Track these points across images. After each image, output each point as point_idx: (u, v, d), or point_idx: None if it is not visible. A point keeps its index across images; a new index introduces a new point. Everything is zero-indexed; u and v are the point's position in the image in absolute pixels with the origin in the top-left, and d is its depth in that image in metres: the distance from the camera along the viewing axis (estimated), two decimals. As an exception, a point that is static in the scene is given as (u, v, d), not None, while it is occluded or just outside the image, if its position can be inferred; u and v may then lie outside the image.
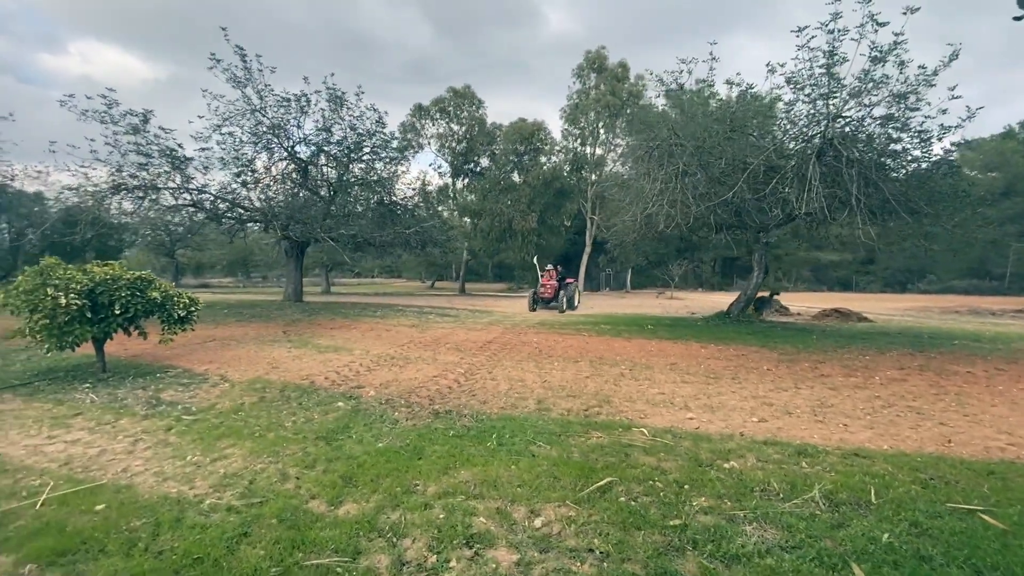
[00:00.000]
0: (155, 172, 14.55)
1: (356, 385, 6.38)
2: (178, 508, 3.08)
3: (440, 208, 29.89)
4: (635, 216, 12.37)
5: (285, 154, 17.99)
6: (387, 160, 18.67)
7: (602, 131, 34.43)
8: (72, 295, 6.07)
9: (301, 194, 18.40)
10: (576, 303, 19.74)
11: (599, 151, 35.06)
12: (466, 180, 34.73)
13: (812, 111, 10.27)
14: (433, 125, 32.80)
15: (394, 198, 19.65)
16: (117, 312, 6.47)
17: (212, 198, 14.73)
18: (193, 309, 7.22)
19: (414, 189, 23.91)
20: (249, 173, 16.05)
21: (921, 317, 18.56)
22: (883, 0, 9.24)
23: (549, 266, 20.24)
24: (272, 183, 17.30)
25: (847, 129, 9.88)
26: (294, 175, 18.38)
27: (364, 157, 19.22)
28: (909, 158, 10.10)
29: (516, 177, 34.28)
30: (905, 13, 9.31)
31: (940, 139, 9.73)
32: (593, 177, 34.96)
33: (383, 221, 17.56)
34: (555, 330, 11.84)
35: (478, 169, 34.66)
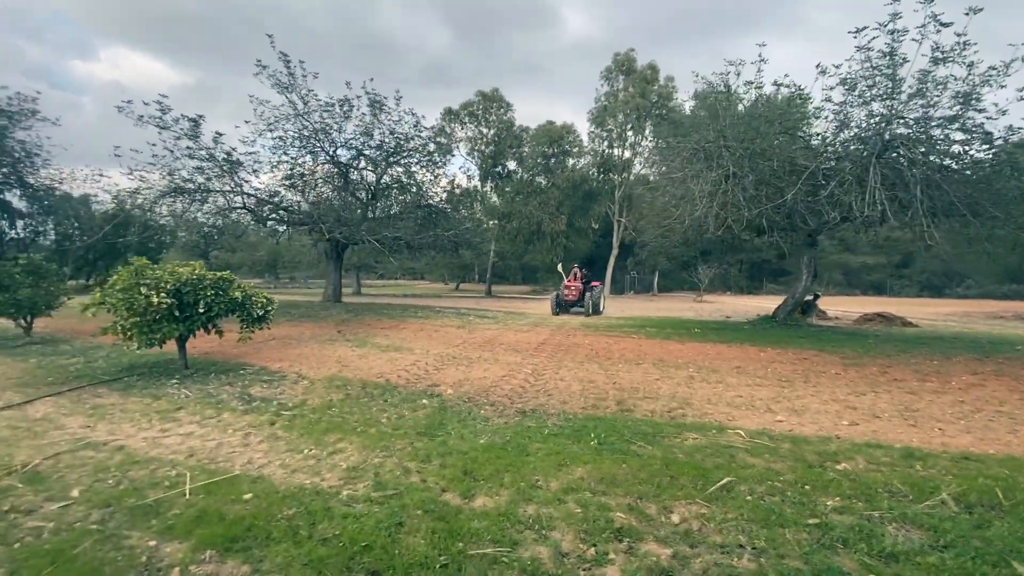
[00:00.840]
0: (210, 175, 14.99)
1: (431, 383, 6.52)
2: (320, 499, 3.21)
3: (470, 211, 30.00)
4: (682, 218, 12.32)
5: (327, 157, 18.41)
6: (426, 164, 18.91)
7: (630, 133, 34.30)
8: (162, 294, 6.33)
9: (341, 197, 18.78)
10: (601, 307, 18.67)
11: (627, 153, 34.93)
12: (494, 183, 34.88)
13: (869, 112, 10.12)
14: (462, 129, 33.07)
15: (430, 201, 19.88)
16: (201, 311, 6.72)
17: (264, 201, 15.10)
18: (270, 308, 7.45)
19: (447, 192, 24.12)
20: (299, 177, 16.44)
21: (966, 322, 18.06)
22: (946, 1, 9.09)
23: (574, 268, 19.61)
24: (316, 186, 17.67)
25: (908, 131, 9.71)
26: (335, 178, 18.75)
27: (402, 160, 19.54)
28: (973, 159, 9.87)
29: (543, 179, 34.37)
30: (968, 13, 9.16)
31: (1007, 140, 9.51)
32: (619, 179, 34.86)
33: (425, 223, 17.80)
34: (602, 333, 11.86)
35: (505, 172, 34.82)
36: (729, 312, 21.33)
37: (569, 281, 18.39)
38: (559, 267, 21.19)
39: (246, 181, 15.67)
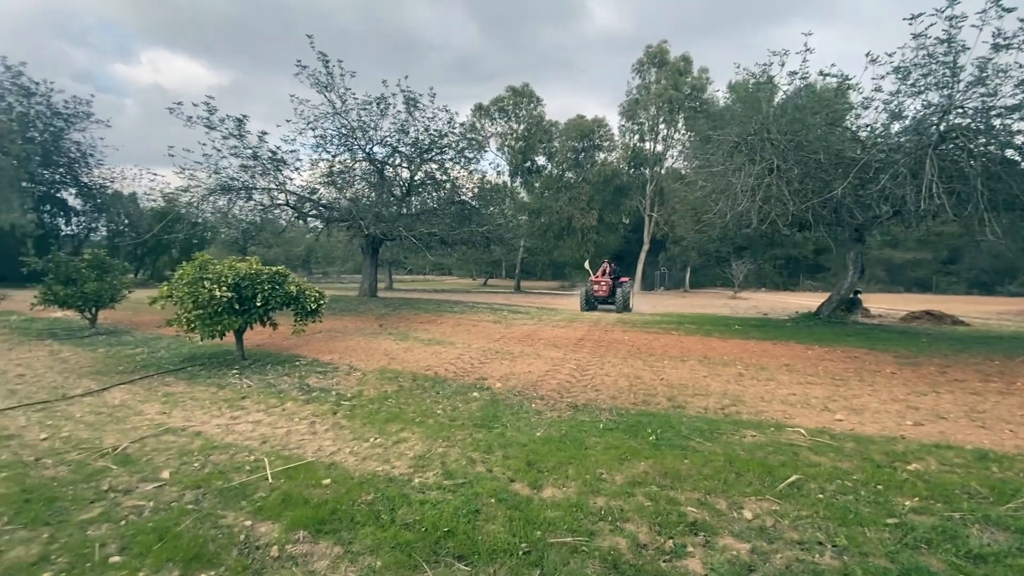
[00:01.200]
0: (254, 173, 15.51)
1: (479, 377, 6.62)
2: (394, 486, 3.33)
3: (502, 207, 30.18)
4: (723, 212, 12.10)
5: (364, 155, 18.75)
6: (461, 160, 19.09)
7: (662, 126, 33.80)
8: (223, 287, 6.60)
9: (377, 194, 19.13)
10: (630, 304, 17.54)
11: (659, 147, 34.42)
12: (523, 178, 34.90)
13: (925, 102, 9.72)
14: (492, 124, 33.17)
15: (463, 197, 20.04)
16: (259, 304, 6.99)
17: (305, 198, 15.54)
18: (322, 302, 7.68)
19: (478, 188, 24.28)
20: (338, 175, 16.85)
21: (1021, 321, 17.21)
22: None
23: (604, 262, 19.21)
24: (353, 183, 18.06)
25: (968, 121, 9.29)
26: (372, 175, 19.10)
27: (436, 157, 19.75)
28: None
29: (571, 174, 34.20)
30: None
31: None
32: (651, 173, 34.38)
33: (461, 219, 17.98)
34: (640, 329, 11.78)
35: (535, 167, 34.79)
36: (766, 309, 20.87)
37: (598, 276, 18.11)
38: (587, 265, 20.87)
39: (289, 179, 16.15)
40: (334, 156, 17.36)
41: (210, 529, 2.77)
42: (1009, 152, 9.44)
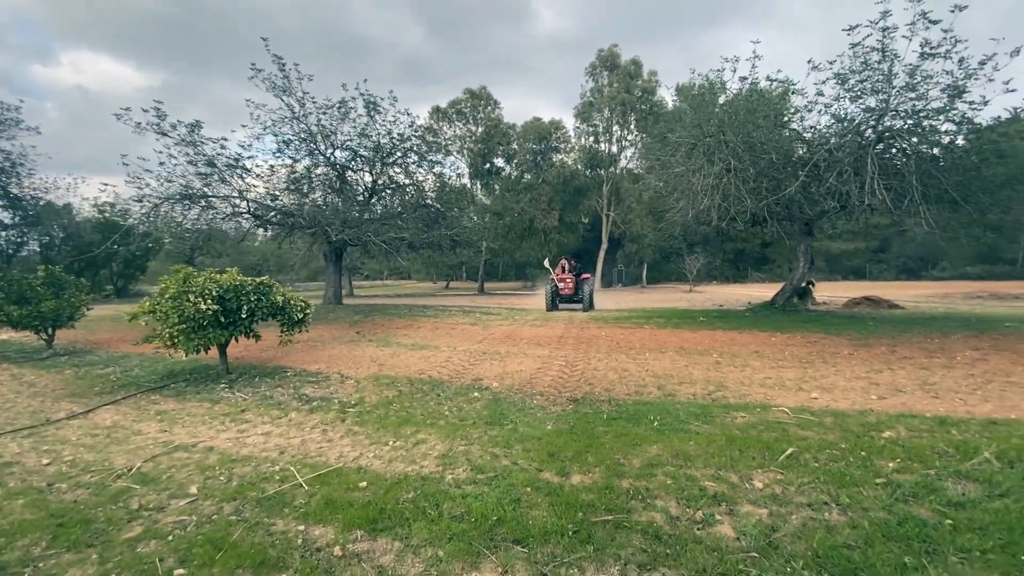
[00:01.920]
0: (212, 181, 14.96)
1: (475, 377, 6.78)
2: (430, 483, 3.47)
3: (465, 210, 30.23)
4: (685, 211, 12.74)
5: (324, 159, 18.40)
6: (424, 164, 19.07)
7: (616, 128, 34.82)
8: (209, 300, 6.46)
9: (341, 199, 18.81)
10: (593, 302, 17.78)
11: (613, 148, 35.46)
12: (483, 181, 35.08)
13: (864, 106, 10.65)
14: (450, 127, 33.16)
15: (428, 200, 20.03)
16: (244, 316, 6.86)
17: (267, 206, 15.08)
18: (308, 312, 7.60)
19: (436, 191, 24.28)
20: (300, 180, 16.48)
21: (947, 303, 18.98)
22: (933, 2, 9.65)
23: (563, 260, 18.87)
24: (315, 189, 17.71)
25: (902, 123, 10.27)
26: (334, 180, 18.78)
27: (399, 161, 19.63)
28: (962, 149, 10.47)
29: (529, 176, 34.69)
30: (953, 11, 9.73)
31: (993, 130, 10.15)
32: (607, 173, 35.36)
33: (429, 223, 17.95)
34: (614, 325, 12.23)
35: (495, 169, 35.04)
36: (721, 301, 21.94)
37: (559, 274, 17.99)
38: (547, 263, 20.43)
39: (253, 186, 15.65)
40: (294, 161, 16.95)
41: (265, 536, 2.83)
42: (936, 151, 10.50)
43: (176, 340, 6.46)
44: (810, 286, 15.94)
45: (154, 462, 4.02)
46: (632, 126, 34.34)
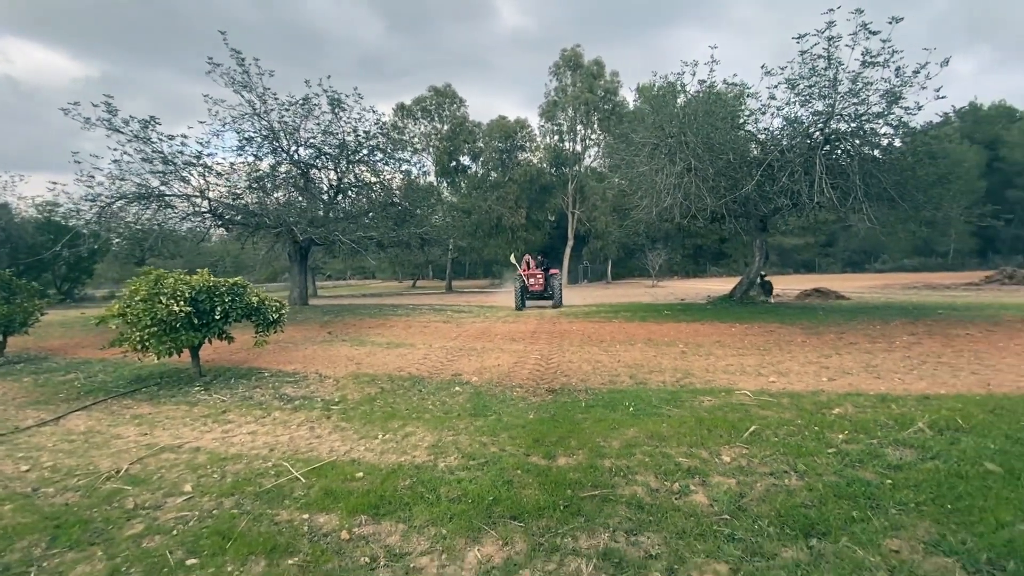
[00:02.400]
0: (170, 179, 14.45)
1: (454, 373, 6.95)
2: (424, 471, 3.64)
3: (434, 207, 30.14)
4: (649, 209, 13.24)
5: (287, 157, 18.02)
6: (391, 162, 18.97)
7: (580, 128, 35.44)
8: (182, 302, 6.37)
9: (305, 197, 18.47)
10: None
11: (578, 147, 36.07)
12: (449, 179, 35.04)
13: (812, 109, 11.38)
14: (415, 124, 32.95)
15: (396, 199, 19.93)
16: (218, 317, 6.79)
17: (230, 205, 14.65)
18: (284, 312, 7.57)
19: (401, 189, 24.15)
20: (264, 179, 16.11)
21: (888, 293, 20.38)
22: (874, 11, 10.42)
23: (527, 257, 18.42)
24: (279, 187, 17.35)
25: (846, 126, 11.04)
26: (297, 178, 18.42)
27: (365, 159, 19.45)
28: (899, 151, 11.36)
29: (495, 174, 34.90)
30: (891, 22, 10.55)
31: (926, 132, 11.08)
32: (572, 172, 35.96)
33: (399, 221, 17.87)
34: (584, 319, 12.60)
35: (460, 167, 35.05)
36: (683, 295, 22.76)
37: (525, 270, 17.48)
38: (512, 258, 19.43)
39: (215, 185, 15.19)
40: (256, 158, 16.56)
41: (270, 526, 2.94)
42: (877, 152, 11.35)
43: (147, 343, 6.34)
44: (763, 280, 16.81)
45: (141, 464, 4.02)
46: (595, 126, 35.03)
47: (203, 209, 15.09)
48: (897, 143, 11.51)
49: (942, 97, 10.46)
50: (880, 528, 2.61)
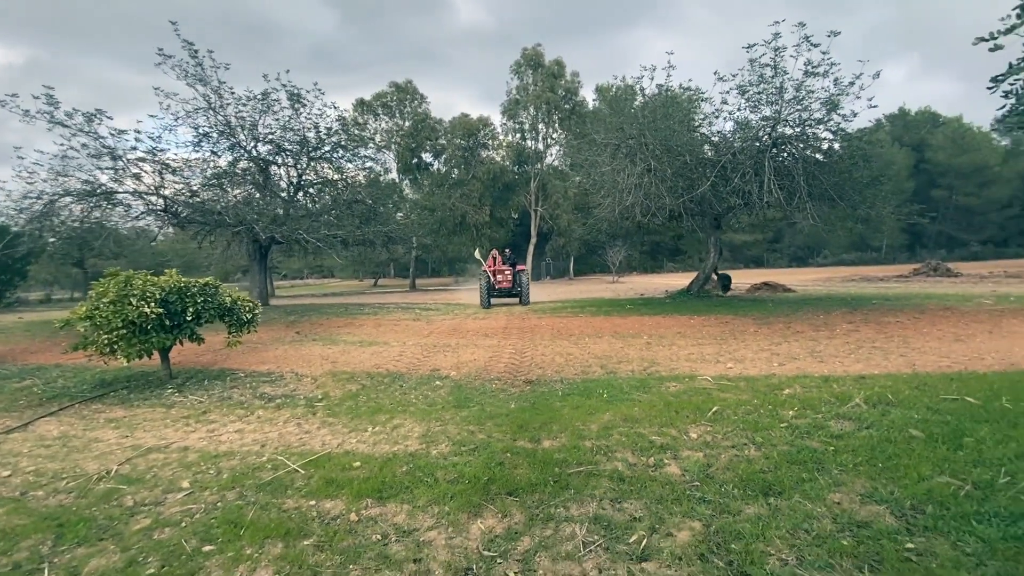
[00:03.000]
0: (126, 176, 13.83)
1: (432, 368, 7.15)
2: (418, 459, 3.85)
3: (398, 205, 29.87)
4: (612, 207, 13.78)
5: (244, 153, 17.54)
6: (355, 160, 18.78)
7: (542, 126, 35.94)
8: (152, 303, 6.27)
9: (264, 195, 18.04)
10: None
11: (540, 145, 36.57)
12: (411, 176, 34.79)
13: (760, 115, 12.18)
14: (376, 121, 32.52)
15: (361, 196, 19.74)
16: (189, 318, 6.71)
17: (186, 203, 14.12)
18: (257, 312, 7.53)
19: (370, 186, 23.95)
20: (228, 178, 15.64)
21: (829, 286, 21.91)
22: (815, 24, 11.25)
23: (493, 252, 17.60)
24: (238, 184, 16.88)
25: (791, 131, 11.89)
26: (256, 175, 17.98)
27: (327, 155, 19.18)
28: (838, 154, 12.34)
29: (458, 172, 34.94)
30: (829, 36, 11.44)
31: (861, 138, 12.09)
32: (534, 170, 36.44)
33: (366, 219, 17.72)
34: (552, 315, 13.01)
35: (422, 165, 34.87)
36: (642, 290, 23.63)
37: (491, 266, 16.78)
38: (477, 253, 18.58)
39: (173, 182, 14.63)
40: (214, 154, 16.06)
41: (279, 513, 3.09)
42: (819, 155, 12.28)
43: (115, 346, 6.22)
44: (714, 275, 17.74)
45: (130, 465, 4.04)
46: (556, 125, 35.63)
47: (157, 207, 14.51)
48: (836, 147, 12.48)
49: (874, 106, 11.49)
50: (825, 485, 3.05)
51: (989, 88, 4.48)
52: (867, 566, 2.29)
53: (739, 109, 12.63)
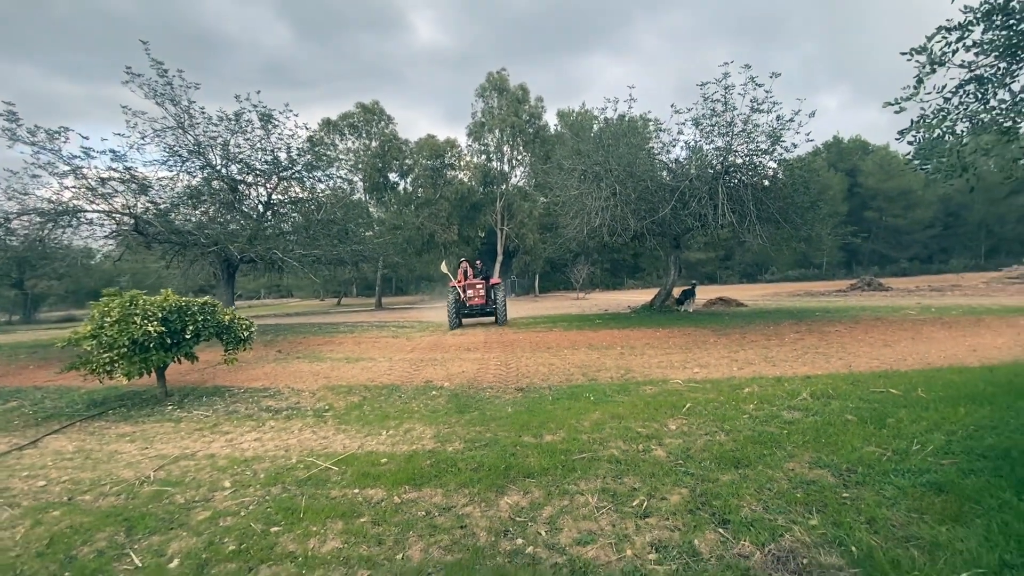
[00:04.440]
0: (91, 196, 13.60)
1: (425, 380, 7.61)
2: (438, 455, 4.36)
3: (367, 224, 29.95)
4: (580, 228, 14.67)
5: (215, 173, 17.48)
6: (332, 180, 19.02)
7: (507, 148, 37.05)
8: (154, 322, 6.50)
9: (231, 215, 17.96)
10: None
11: (505, 167, 37.64)
12: (378, 195, 35.00)
13: (714, 145, 13.45)
14: (342, 140, 32.70)
15: (334, 216, 19.92)
16: (188, 337, 6.94)
17: (152, 222, 13.92)
18: (253, 330, 7.79)
19: (340, 205, 24.09)
20: (193, 196, 15.57)
21: (777, 300, 23.63)
22: (760, 67, 12.62)
23: (463, 263, 16.21)
24: (210, 203, 16.79)
25: (740, 160, 13.19)
26: (226, 194, 17.91)
27: (297, 175, 19.33)
28: (781, 182, 13.74)
29: (422, 191, 35.45)
30: (771, 77, 12.85)
31: (800, 166, 13.54)
32: (500, 190, 37.42)
33: (340, 239, 17.89)
34: (527, 330, 13.64)
35: (389, 184, 35.17)
36: (606, 306, 24.69)
37: (461, 280, 15.35)
38: (443, 266, 16.79)
39: (149, 203, 14.43)
40: (188, 174, 15.98)
41: (328, 500, 3.54)
42: (766, 182, 13.63)
43: (116, 365, 6.38)
44: (695, 289, 18.91)
45: (165, 471, 4.34)
46: (521, 148, 36.85)
47: (126, 227, 14.29)
48: (780, 175, 13.88)
49: (811, 140, 12.96)
50: (781, 457, 3.78)
51: (896, 139, 5.54)
52: (815, 509, 3.00)
53: (696, 140, 13.90)
